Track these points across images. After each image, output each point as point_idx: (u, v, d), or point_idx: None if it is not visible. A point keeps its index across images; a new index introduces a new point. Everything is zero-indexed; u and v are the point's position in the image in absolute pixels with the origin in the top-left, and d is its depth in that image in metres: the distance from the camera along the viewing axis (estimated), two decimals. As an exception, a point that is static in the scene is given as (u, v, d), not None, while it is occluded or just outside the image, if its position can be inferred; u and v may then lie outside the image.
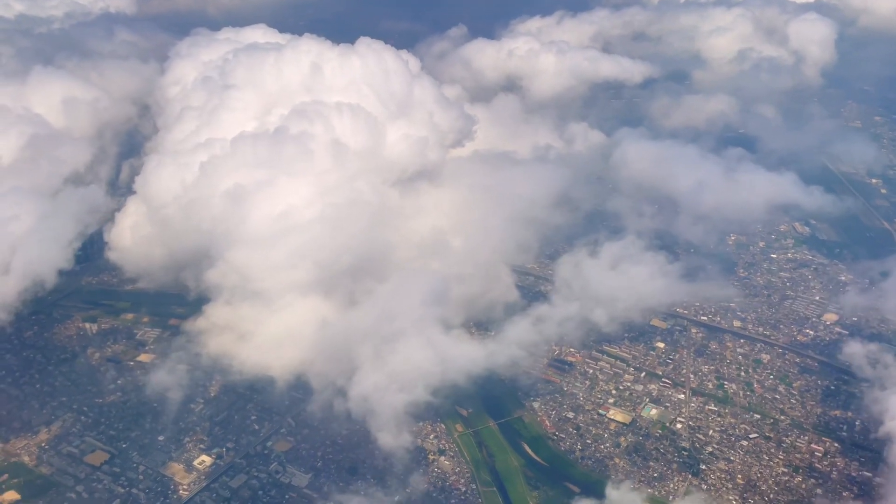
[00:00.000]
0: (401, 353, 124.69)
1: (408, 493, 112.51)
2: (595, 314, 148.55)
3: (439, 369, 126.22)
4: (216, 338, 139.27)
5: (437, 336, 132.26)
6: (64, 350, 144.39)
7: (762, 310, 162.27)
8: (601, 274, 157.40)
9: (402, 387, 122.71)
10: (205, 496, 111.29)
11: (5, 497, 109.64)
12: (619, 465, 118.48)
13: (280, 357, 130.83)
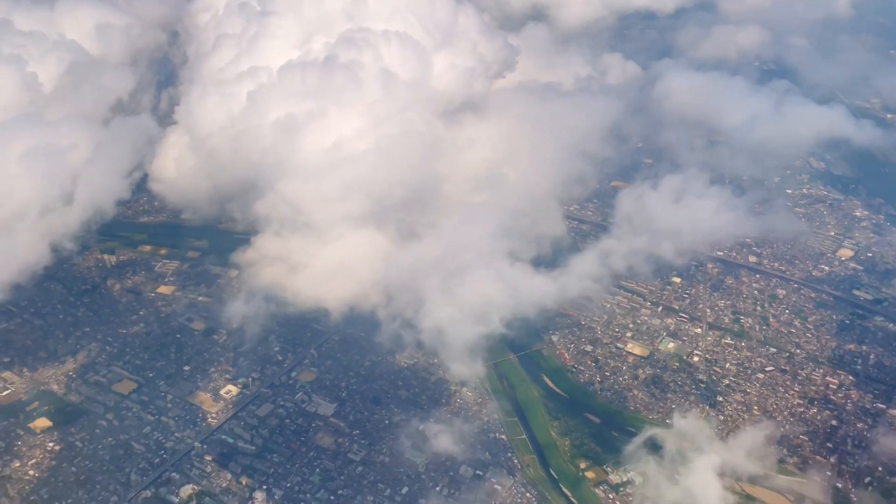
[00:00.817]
0: (472, 285, 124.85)
1: (431, 422, 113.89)
2: (660, 247, 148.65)
3: (512, 302, 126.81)
4: (266, 269, 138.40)
5: (507, 269, 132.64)
6: (84, 281, 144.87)
7: (777, 245, 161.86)
8: (663, 207, 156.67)
9: (476, 319, 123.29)
10: (233, 424, 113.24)
11: (37, 424, 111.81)
12: (638, 397, 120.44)
13: (334, 289, 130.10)
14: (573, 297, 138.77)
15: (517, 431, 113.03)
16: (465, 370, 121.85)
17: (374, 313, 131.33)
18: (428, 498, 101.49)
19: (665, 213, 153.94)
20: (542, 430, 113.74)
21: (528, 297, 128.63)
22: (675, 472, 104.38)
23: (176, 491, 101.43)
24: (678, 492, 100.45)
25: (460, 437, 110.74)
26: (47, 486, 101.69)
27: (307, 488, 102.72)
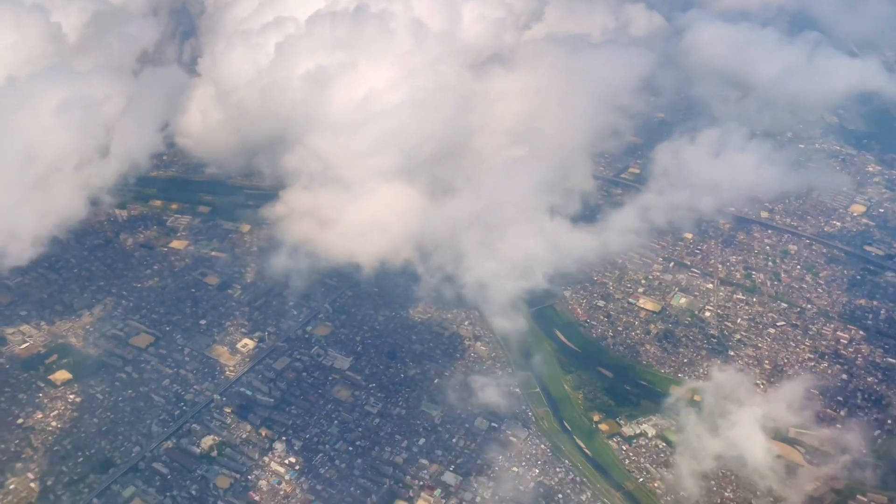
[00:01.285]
0: (514, 240, 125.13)
1: (446, 376, 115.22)
2: (701, 202, 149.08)
3: (554, 257, 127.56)
4: (295, 224, 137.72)
5: (547, 223, 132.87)
6: (96, 236, 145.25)
7: (789, 201, 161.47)
8: (700, 161, 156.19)
9: (520, 274, 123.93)
10: (251, 377, 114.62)
11: (57, 376, 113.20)
12: (650, 352, 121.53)
13: (365, 244, 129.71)
14: (616, 252, 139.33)
15: (531, 385, 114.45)
16: (508, 324, 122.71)
17: (406, 268, 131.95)
18: (444, 449, 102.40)
19: (701, 167, 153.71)
20: (556, 384, 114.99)
21: (570, 252, 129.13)
22: (714, 424, 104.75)
23: (197, 441, 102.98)
24: (720, 443, 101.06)
25: (475, 391, 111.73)
26: (70, 436, 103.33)
27: (326, 439, 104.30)
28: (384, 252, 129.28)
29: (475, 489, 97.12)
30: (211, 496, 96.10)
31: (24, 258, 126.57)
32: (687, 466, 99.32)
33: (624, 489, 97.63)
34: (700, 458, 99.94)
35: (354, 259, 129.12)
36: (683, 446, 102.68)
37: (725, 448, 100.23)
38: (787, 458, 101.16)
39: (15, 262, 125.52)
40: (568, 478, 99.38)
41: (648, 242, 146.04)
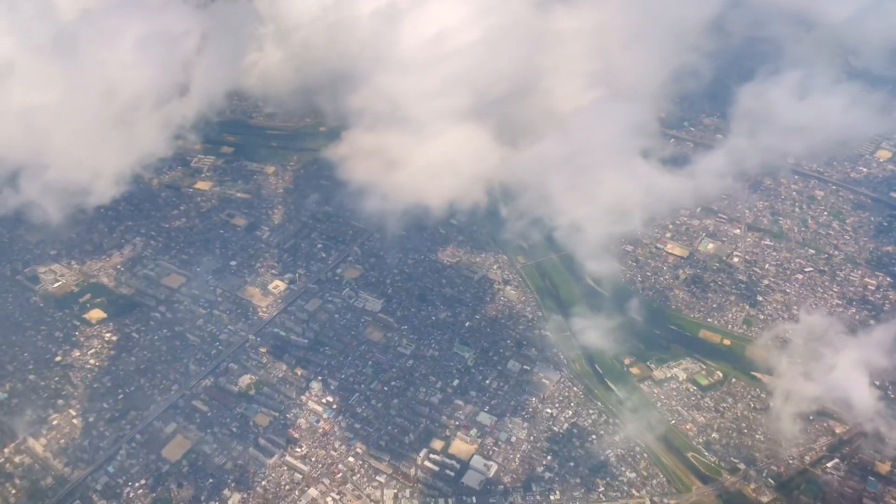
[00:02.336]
0: (607, 183, 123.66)
1: (477, 319, 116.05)
2: (786, 145, 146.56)
3: (648, 200, 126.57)
4: (361, 164, 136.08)
5: (639, 166, 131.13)
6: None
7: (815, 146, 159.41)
8: (786, 104, 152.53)
9: (615, 218, 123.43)
10: (284, 318, 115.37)
11: (92, 315, 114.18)
12: (679, 297, 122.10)
13: (435, 186, 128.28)
14: (712, 196, 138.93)
15: (562, 328, 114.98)
16: (601, 268, 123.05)
17: (488, 211, 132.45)
18: (478, 390, 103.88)
19: (785, 109, 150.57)
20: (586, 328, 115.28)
21: (665, 195, 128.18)
22: (807, 367, 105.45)
23: (235, 380, 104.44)
24: (818, 387, 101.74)
25: (507, 334, 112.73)
26: (109, 374, 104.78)
27: (361, 380, 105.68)
28: (454, 194, 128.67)
29: (510, 429, 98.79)
30: (251, 433, 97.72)
31: (107, 196, 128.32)
32: (786, 409, 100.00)
33: (657, 431, 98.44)
34: (797, 401, 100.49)
35: (423, 201, 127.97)
36: (780, 389, 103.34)
37: (826, 391, 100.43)
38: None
39: (99, 200, 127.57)
40: (601, 419, 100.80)
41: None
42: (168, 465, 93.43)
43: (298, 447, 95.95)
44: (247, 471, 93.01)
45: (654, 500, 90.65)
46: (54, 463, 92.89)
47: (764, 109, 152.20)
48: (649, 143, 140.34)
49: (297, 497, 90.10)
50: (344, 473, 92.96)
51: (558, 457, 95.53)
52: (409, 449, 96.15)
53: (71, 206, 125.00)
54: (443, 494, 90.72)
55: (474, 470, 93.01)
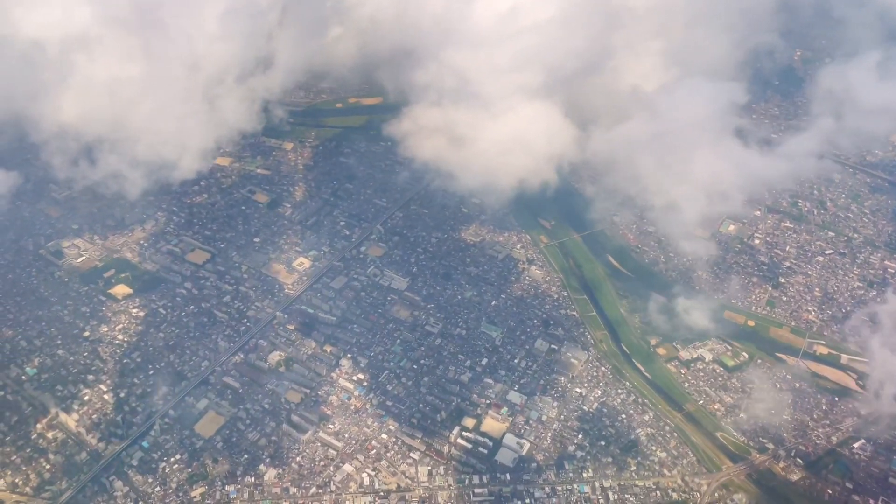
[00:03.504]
0: (701, 162, 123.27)
1: (503, 298, 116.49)
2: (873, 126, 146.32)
3: (745, 180, 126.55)
4: (425, 140, 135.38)
5: (734, 147, 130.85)
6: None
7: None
8: (867, 84, 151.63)
9: (716, 198, 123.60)
10: (310, 295, 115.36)
11: (117, 290, 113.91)
12: (702, 277, 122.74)
13: (505, 163, 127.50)
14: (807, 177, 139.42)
15: (587, 308, 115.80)
16: (697, 248, 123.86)
17: (547, 189, 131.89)
18: (507, 369, 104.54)
19: (870, 90, 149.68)
20: (612, 308, 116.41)
21: (761, 176, 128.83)
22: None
23: (264, 357, 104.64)
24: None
25: (533, 313, 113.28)
26: (138, 350, 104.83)
27: (390, 357, 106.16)
28: (525, 172, 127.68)
29: (540, 408, 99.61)
30: (283, 409, 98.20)
31: (192, 171, 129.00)
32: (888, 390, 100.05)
33: (685, 411, 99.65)
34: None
35: (492, 178, 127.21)
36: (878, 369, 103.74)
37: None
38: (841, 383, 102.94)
39: (185, 174, 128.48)
40: (630, 399, 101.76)
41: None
42: (202, 440, 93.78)
43: (331, 424, 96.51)
44: (281, 447, 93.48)
45: (686, 479, 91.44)
46: (88, 438, 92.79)
47: (845, 91, 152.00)
48: (740, 122, 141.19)
49: (332, 473, 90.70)
50: (378, 450, 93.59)
51: (589, 436, 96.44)
52: (441, 427, 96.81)
53: (156, 180, 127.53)
54: (477, 471, 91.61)
55: (507, 448, 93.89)
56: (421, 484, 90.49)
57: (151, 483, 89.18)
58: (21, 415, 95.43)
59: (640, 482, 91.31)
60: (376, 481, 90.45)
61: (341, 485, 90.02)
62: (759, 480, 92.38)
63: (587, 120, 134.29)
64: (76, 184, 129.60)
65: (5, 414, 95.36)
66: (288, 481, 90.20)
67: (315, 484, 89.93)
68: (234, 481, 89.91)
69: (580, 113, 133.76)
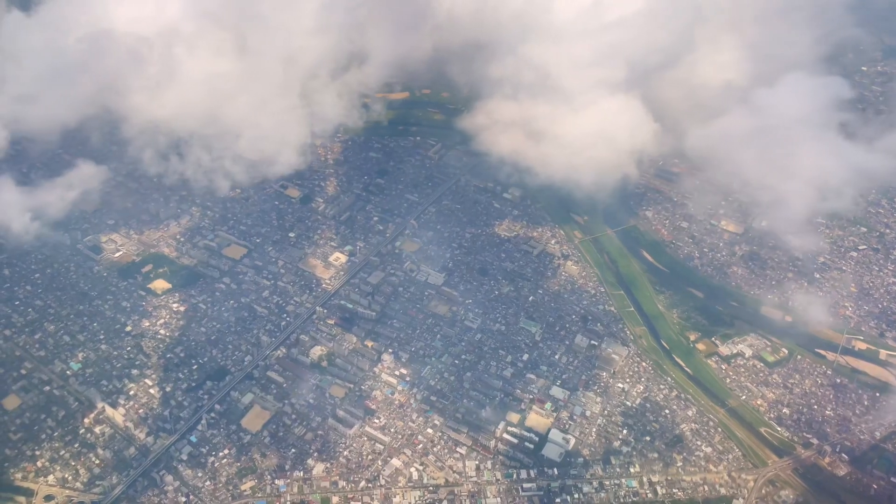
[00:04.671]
0: (808, 158, 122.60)
1: (540, 293, 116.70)
2: None
3: (856, 177, 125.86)
4: (501, 135, 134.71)
5: (840, 143, 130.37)
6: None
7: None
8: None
9: (826, 195, 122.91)
10: (348, 290, 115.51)
11: (157, 285, 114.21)
12: (738, 273, 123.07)
13: (587, 157, 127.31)
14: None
15: (625, 304, 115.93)
16: (806, 244, 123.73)
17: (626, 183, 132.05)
18: (548, 365, 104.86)
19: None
20: (649, 303, 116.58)
21: (872, 172, 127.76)
22: None
23: (306, 352, 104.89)
24: None
25: (571, 309, 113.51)
26: (181, 344, 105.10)
27: (431, 352, 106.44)
28: (605, 166, 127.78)
29: (584, 403, 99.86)
30: (328, 404, 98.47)
31: (290, 166, 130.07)
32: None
33: (728, 406, 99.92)
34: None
35: (574, 172, 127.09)
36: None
37: None
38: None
39: (283, 169, 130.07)
40: (672, 394, 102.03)
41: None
42: (249, 435, 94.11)
43: (376, 418, 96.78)
44: (328, 441, 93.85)
45: (732, 474, 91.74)
46: (136, 432, 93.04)
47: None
48: (843, 117, 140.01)
49: (380, 467, 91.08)
50: (424, 444, 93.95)
51: (634, 431, 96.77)
52: (486, 422, 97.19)
53: (255, 176, 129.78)
54: (524, 466, 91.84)
55: (553, 443, 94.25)
56: (469, 478, 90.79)
57: (201, 477, 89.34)
58: (68, 410, 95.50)
59: (686, 477, 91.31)
60: (424, 476, 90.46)
61: (390, 479, 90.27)
62: (805, 475, 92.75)
63: (670, 114, 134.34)
64: (167, 178, 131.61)
65: (52, 409, 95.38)
66: (337, 475, 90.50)
67: (364, 478, 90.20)
68: (283, 475, 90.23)
69: (662, 107, 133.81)
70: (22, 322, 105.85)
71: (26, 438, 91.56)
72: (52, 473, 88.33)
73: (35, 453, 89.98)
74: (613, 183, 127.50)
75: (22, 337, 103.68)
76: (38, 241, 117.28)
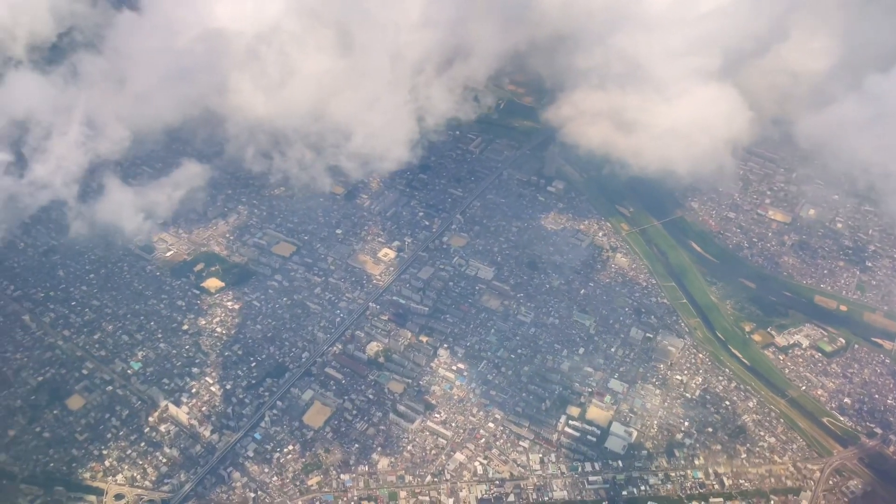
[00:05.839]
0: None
1: (591, 286, 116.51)
2: None
3: None
4: (589, 127, 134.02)
5: None
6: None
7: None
8: None
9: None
10: (399, 285, 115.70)
11: (210, 284, 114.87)
12: (789, 263, 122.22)
13: (681, 148, 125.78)
14: None
15: (678, 296, 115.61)
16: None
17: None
18: (605, 358, 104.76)
19: None
20: (701, 294, 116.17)
21: None
22: None
23: (362, 348, 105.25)
24: None
25: (623, 301, 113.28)
26: (238, 342, 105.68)
27: (486, 347, 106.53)
28: (700, 156, 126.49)
29: (643, 396, 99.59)
30: (388, 399, 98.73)
31: (402, 161, 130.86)
32: None
33: (788, 396, 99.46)
34: None
35: (668, 163, 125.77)
36: None
37: None
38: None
39: (392, 165, 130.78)
40: (731, 385, 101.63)
41: (765, 152, 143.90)
42: (312, 431, 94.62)
43: (437, 413, 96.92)
44: (390, 436, 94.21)
45: (798, 465, 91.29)
46: (200, 430, 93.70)
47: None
48: None
49: (444, 461, 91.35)
50: (487, 438, 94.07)
51: (695, 423, 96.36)
52: (546, 415, 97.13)
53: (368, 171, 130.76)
54: (588, 458, 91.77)
55: (616, 436, 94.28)
56: (534, 472, 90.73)
57: (268, 473, 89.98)
58: (132, 409, 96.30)
59: (752, 469, 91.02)
60: (489, 469, 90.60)
61: (455, 473, 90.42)
62: (871, 465, 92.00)
63: (765, 103, 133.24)
64: (271, 177, 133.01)
65: (116, 408, 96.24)
66: (402, 469, 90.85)
67: (429, 472, 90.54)
68: (348, 470, 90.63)
69: (758, 95, 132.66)
70: (80, 322, 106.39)
71: (92, 438, 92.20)
72: (120, 472, 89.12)
73: (102, 453, 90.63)
74: (709, 172, 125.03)
75: (81, 337, 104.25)
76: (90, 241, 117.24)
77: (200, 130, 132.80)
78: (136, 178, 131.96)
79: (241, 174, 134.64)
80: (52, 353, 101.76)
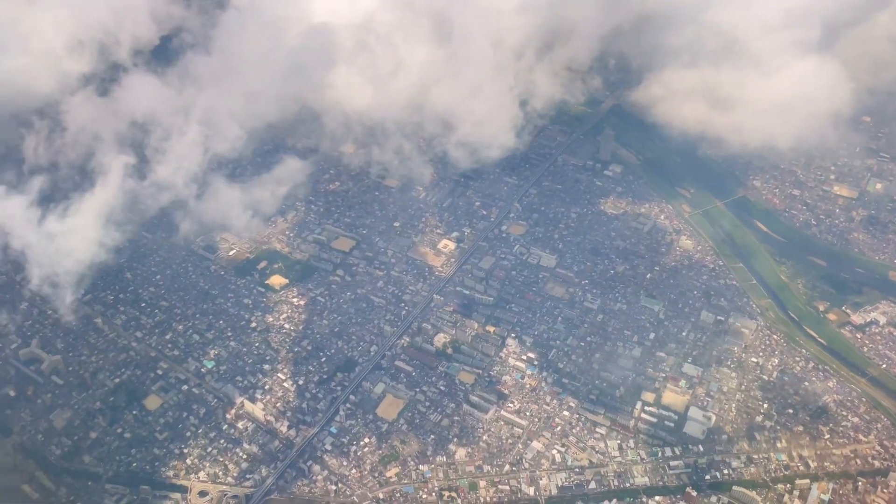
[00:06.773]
0: None
1: (657, 270, 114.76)
2: None
3: None
4: (680, 105, 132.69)
5: None
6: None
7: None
8: None
9: None
10: (462, 276, 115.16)
11: (273, 281, 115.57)
12: (859, 239, 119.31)
13: (780, 124, 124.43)
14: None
15: (746, 277, 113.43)
16: None
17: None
18: (676, 342, 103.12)
19: None
20: (771, 275, 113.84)
21: None
22: None
23: (430, 340, 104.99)
24: None
25: (691, 284, 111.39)
26: (306, 338, 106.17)
27: (555, 335, 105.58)
28: (800, 132, 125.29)
29: (719, 379, 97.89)
30: (460, 391, 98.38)
31: (509, 148, 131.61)
32: None
33: (869, 375, 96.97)
34: None
35: (769, 140, 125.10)
36: None
37: None
38: None
39: (499, 153, 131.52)
40: (809, 366, 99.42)
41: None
42: (386, 423, 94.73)
43: (510, 402, 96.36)
44: (465, 426, 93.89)
45: (885, 443, 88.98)
46: (277, 426, 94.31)
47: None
48: None
49: (521, 450, 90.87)
50: (562, 427, 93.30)
51: (775, 405, 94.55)
52: (621, 402, 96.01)
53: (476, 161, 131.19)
54: (667, 444, 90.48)
55: (694, 420, 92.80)
56: (613, 458, 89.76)
57: (347, 465, 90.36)
58: (208, 407, 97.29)
59: (836, 451, 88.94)
60: (568, 457, 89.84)
61: (533, 462, 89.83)
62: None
63: (861, 74, 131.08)
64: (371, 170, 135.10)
65: (192, 407, 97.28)
66: (479, 459, 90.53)
67: (507, 461, 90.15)
68: (426, 461, 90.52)
69: (853, 65, 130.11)
70: (151, 323, 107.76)
71: (172, 437, 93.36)
72: (202, 470, 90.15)
73: (183, 451, 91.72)
74: (810, 147, 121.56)
75: (153, 338, 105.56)
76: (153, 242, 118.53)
77: (299, 126, 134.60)
78: (239, 175, 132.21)
79: (340, 168, 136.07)
80: (126, 354, 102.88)
